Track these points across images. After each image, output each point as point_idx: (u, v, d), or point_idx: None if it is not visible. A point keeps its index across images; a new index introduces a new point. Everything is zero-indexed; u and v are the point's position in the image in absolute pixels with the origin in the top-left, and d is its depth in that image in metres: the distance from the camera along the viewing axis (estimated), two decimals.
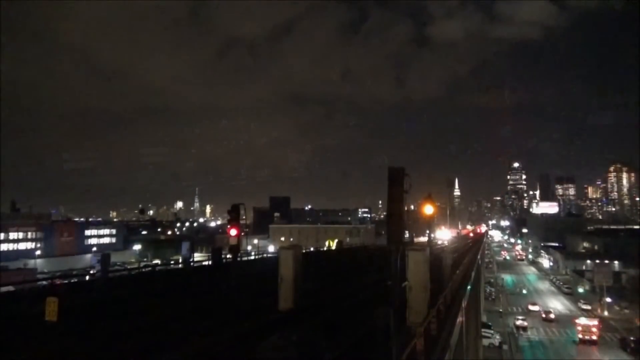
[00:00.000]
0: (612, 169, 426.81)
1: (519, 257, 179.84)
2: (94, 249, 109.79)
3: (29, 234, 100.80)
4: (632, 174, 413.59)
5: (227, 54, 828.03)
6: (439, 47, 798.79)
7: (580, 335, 58.93)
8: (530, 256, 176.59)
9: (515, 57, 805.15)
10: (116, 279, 22.31)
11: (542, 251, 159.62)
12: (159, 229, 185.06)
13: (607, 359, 49.85)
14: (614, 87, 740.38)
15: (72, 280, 25.19)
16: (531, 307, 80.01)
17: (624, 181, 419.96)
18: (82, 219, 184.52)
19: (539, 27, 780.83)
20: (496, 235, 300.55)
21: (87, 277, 27.82)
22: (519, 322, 66.90)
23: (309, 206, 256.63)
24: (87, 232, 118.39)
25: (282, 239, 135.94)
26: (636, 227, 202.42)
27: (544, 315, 74.46)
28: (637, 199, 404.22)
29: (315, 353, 11.44)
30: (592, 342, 57.30)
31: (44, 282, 21.94)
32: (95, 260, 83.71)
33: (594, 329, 58.29)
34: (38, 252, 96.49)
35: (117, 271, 27.33)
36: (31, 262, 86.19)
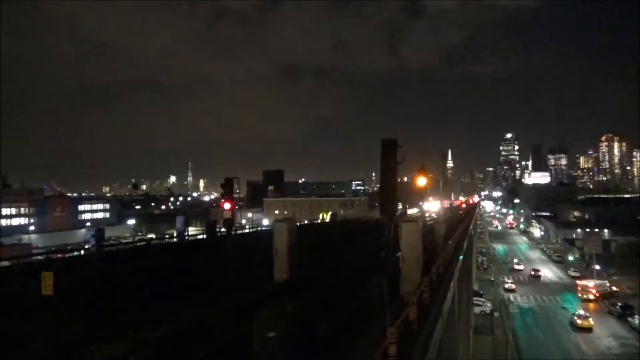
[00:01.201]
0: (603, 138, 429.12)
1: (509, 225, 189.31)
2: (88, 224, 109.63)
3: (22, 209, 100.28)
4: (623, 144, 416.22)
5: (218, 25, 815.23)
6: (433, 15, 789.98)
7: (580, 295, 64.52)
8: (521, 226, 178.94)
9: (510, 25, 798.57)
10: (111, 254, 22.36)
11: (533, 221, 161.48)
12: (152, 204, 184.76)
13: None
14: (609, 56, 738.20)
15: (67, 255, 25.22)
16: (516, 267, 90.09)
17: (615, 151, 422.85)
18: (74, 194, 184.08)
19: None
20: (488, 206, 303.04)
21: (82, 252, 27.85)
22: (507, 285, 71.61)
23: (303, 179, 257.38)
24: (81, 207, 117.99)
25: (276, 212, 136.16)
26: (626, 195, 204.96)
27: (532, 273, 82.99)
28: (628, 168, 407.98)
29: (310, 323, 11.63)
30: (589, 300, 62.61)
31: (39, 257, 21.96)
32: (89, 235, 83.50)
33: (593, 290, 63.73)
34: (32, 228, 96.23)
35: (111, 245, 27.36)
36: (25, 238, 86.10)
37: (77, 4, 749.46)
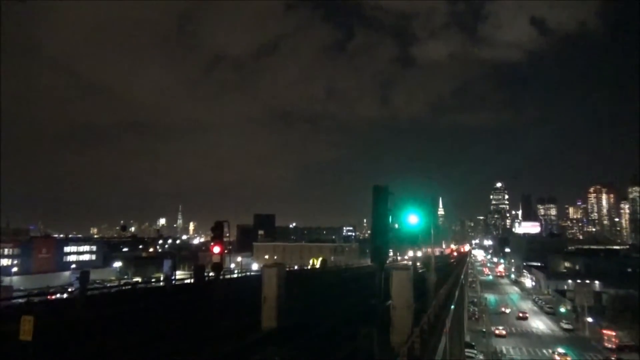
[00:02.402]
0: (592, 190, 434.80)
1: (498, 273, 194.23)
2: (73, 266, 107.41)
3: (6, 250, 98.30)
4: (612, 195, 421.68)
5: (213, 70, 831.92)
6: (423, 67, 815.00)
7: (606, 344, 65.58)
8: (512, 276, 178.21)
9: (498, 78, 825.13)
10: (95, 297, 21.82)
11: (524, 271, 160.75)
12: (140, 246, 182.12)
13: None
14: (594, 109, 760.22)
15: (50, 298, 24.60)
16: (504, 309, 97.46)
17: (604, 202, 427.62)
18: (61, 235, 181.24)
19: (521, 49, 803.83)
20: (479, 255, 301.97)
21: (65, 295, 27.16)
22: (498, 332, 73.41)
23: (294, 224, 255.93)
24: (66, 249, 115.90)
25: (266, 257, 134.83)
26: (615, 247, 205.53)
27: (520, 315, 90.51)
28: (617, 219, 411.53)
29: None
30: (613, 350, 63.66)
31: (20, 300, 21.34)
32: (74, 277, 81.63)
33: (614, 339, 65.12)
34: (15, 269, 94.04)
35: (96, 289, 26.69)
36: (7, 280, 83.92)
37: (71, 44, 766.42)
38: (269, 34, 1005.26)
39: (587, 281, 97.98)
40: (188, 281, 34.02)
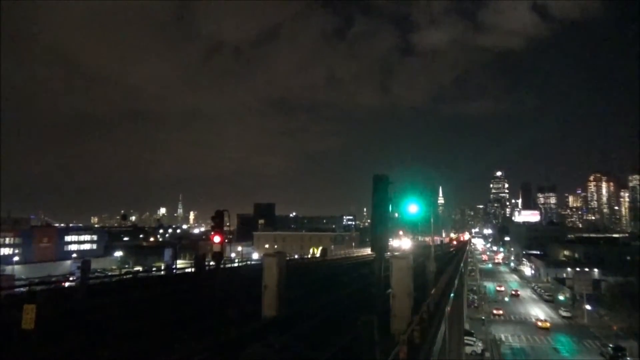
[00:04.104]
0: (592, 178, 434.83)
1: (496, 260, 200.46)
2: (74, 255, 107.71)
3: (7, 239, 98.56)
4: (611, 184, 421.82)
5: (211, 58, 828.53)
6: (423, 55, 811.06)
7: None
8: (512, 264, 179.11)
9: (499, 67, 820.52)
10: (96, 286, 21.94)
11: (524, 259, 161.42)
12: (141, 235, 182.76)
13: None
14: (595, 97, 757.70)
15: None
16: (499, 288, 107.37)
17: (604, 190, 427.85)
18: (62, 225, 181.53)
19: (522, 37, 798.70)
20: (479, 244, 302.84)
21: (67, 284, 27.25)
22: (495, 311, 78.67)
23: (294, 213, 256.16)
24: (67, 238, 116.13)
25: (267, 246, 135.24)
26: (615, 235, 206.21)
27: (513, 293, 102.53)
28: (616, 208, 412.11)
29: None
30: None
31: (22, 289, 21.43)
32: (75, 266, 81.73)
33: None
34: (16, 258, 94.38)
35: (97, 278, 26.81)
36: (8, 269, 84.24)
37: (68, 32, 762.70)
38: (268, 22, 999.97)
39: (587, 269, 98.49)
40: (189, 270, 34.15)
